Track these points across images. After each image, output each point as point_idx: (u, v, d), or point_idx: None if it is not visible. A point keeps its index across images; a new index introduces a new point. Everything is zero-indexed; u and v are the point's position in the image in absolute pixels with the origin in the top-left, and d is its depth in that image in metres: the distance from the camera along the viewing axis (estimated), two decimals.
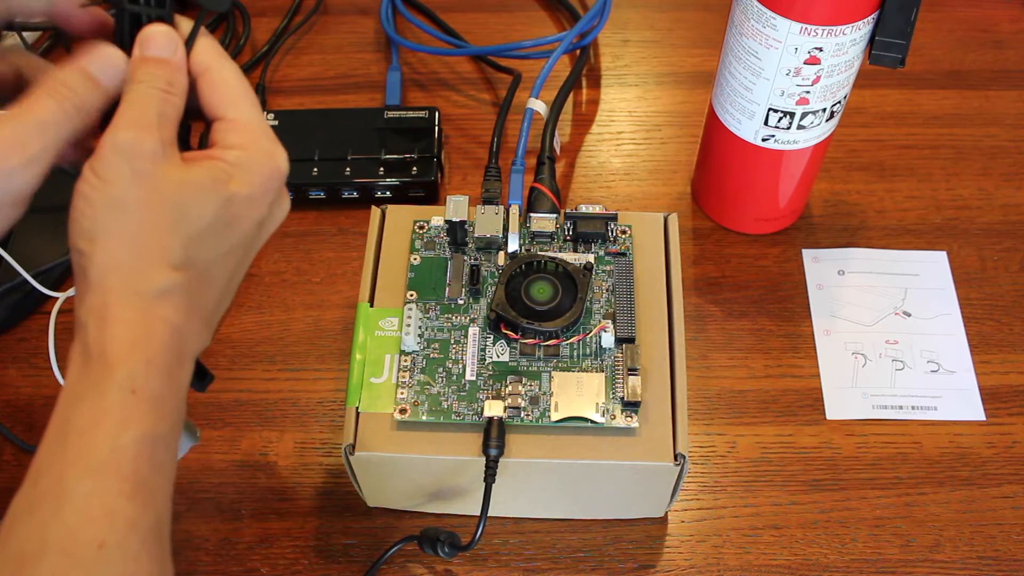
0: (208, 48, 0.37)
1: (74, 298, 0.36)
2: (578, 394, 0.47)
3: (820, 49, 0.51)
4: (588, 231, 0.52)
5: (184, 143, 0.38)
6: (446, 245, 0.53)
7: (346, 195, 0.65)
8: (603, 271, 0.51)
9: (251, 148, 0.37)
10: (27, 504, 0.33)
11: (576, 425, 0.47)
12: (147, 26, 0.36)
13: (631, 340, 0.49)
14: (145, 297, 0.35)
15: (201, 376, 0.41)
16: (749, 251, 0.64)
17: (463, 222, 0.52)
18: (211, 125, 0.38)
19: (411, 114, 0.67)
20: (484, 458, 0.46)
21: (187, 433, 0.43)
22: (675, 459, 0.46)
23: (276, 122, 0.67)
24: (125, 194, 0.34)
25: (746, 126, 0.57)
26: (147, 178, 0.35)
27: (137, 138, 0.35)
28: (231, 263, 0.38)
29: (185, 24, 0.37)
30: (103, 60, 0.36)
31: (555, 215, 0.53)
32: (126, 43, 0.36)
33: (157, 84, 0.36)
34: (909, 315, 0.61)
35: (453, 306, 0.50)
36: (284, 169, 0.39)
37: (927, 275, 0.63)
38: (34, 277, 0.59)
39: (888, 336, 0.60)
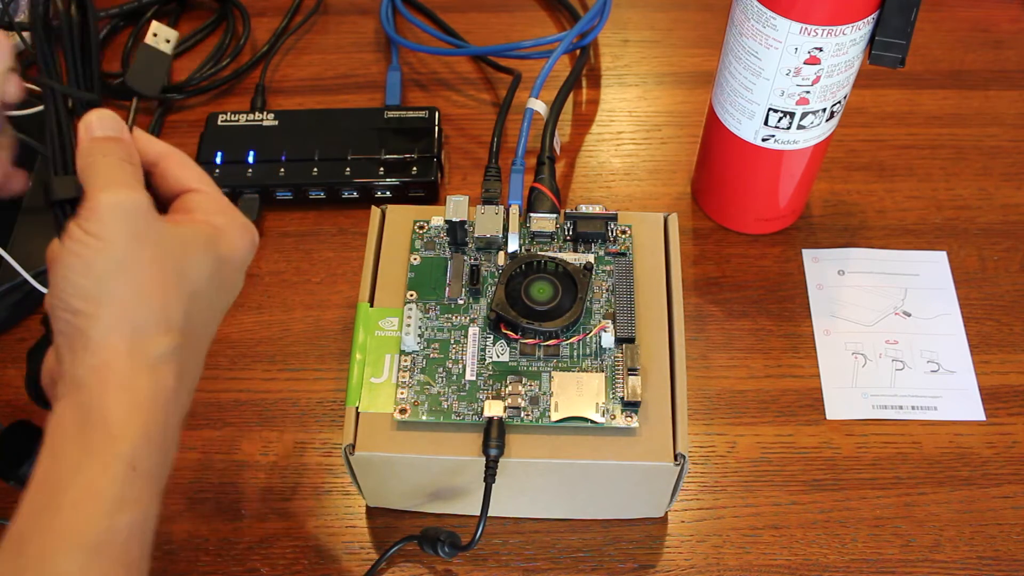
0: (154, 139, 0.39)
1: (63, 353, 0.35)
2: (578, 394, 0.47)
3: (820, 49, 0.51)
4: (588, 231, 0.52)
5: None
6: (446, 245, 0.53)
7: (346, 195, 0.65)
8: (603, 271, 0.51)
9: (230, 216, 0.38)
10: (10, 573, 0.32)
11: (576, 425, 0.47)
12: (89, 111, 0.37)
13: (631, 340, 0.49)
14: (149, 362, 0.34)
15: None
16: (749, 251, 0.64)
17: (463, 222, 0.52)
18: (178, 198, 0.39)
19: (411, 114, 0.67)
20: (484, 458, 0.46)
21: None
22: (675, 459, 0.46)
23: (276, 122, 0.67)
24: (127, 254, 0.34)
25: (746, 126, 0.57)
26: (147, 237, 0.35)
27: (132, 197, 0.35)
28: (211, 329, 0.39)
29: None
30: None
31: (555, 215, 0.53)
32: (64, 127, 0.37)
33: (121, 156, 0.37)
34: (909, 315, 0.61)
35: (453, 306, 0.50)
36: (257, 243, 0.40)
37: (927, 275, 0.63)
38: (34, 277, 0.59)
39: (888, 336, 0.60)
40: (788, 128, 0.56)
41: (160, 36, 0.41)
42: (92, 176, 0.36)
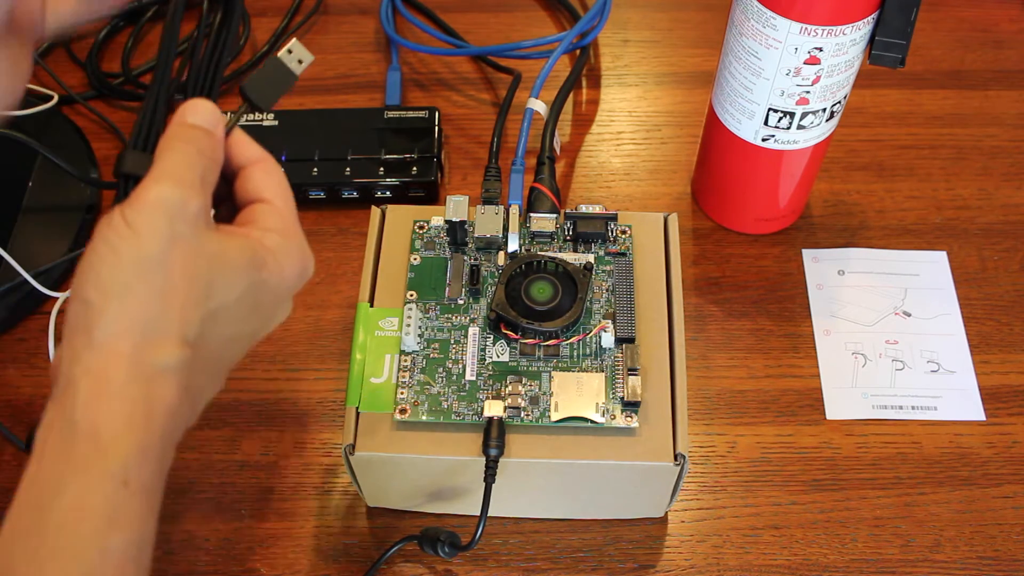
0: (252, 142, 0.37)
1: (64, 350, 0.32)
2: (578, 394, 0.47)
3: (820, 49, 0.51)
4: (588, 231, 0.52)
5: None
6: (446, 245, 0.53)
7: (346, 195, 0.65)
8: (603, 271, 0.51)
9: (289, 237, 0.36)
10: None
11: (576, 425, 0.47)
12: (192, 99, 0.36)
13: (631, 340, 0.49)
14: (151, 371, 0.32)
15: None
16: (749, 251, 0.64)
17: (463, 222, 0.52)
18: (247, 207, 0.37)
19: (411, 114, 0.67)
20: (484, 458, 0.46)
21: None
22: (675, 459, 0.46)
23: (276, 122, 0.67)
24: (158, 254, 0.32)
25: (746, 126, 0.57)
26: (185, 243, 0.33)
27: (183, 197, 0.33)
28: (235, 349, 0.37)
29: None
30: None
31: (555, 215, 0.53)
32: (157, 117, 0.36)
33: (202, 149, 0.35)
34: (909, 315, 0.61)
35: (453, 306, 0.50)
36: (311, 273, 0.38)
37: (927, 275, 0.63)
38: (34, 277, 0.59)
39: (888, 336, 0.60)
40: (788, 128, 0.56)
41: (295, 55, 0.40)
42: (160, 161, 0.34)
